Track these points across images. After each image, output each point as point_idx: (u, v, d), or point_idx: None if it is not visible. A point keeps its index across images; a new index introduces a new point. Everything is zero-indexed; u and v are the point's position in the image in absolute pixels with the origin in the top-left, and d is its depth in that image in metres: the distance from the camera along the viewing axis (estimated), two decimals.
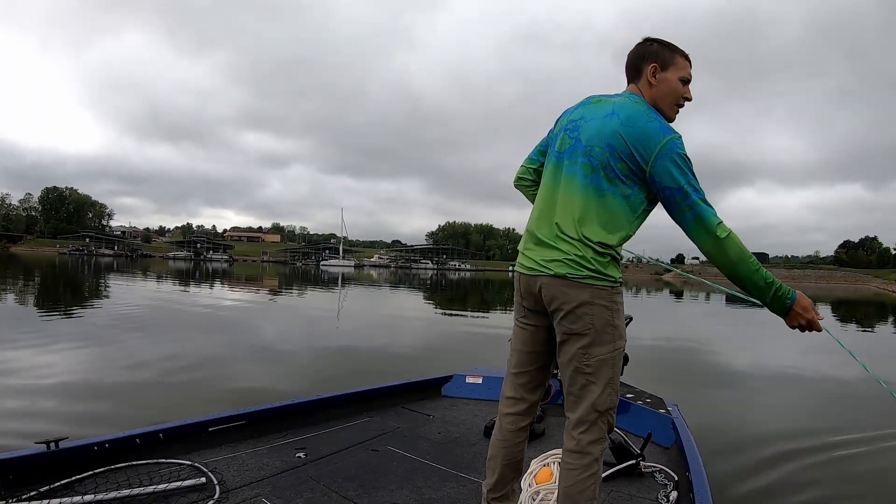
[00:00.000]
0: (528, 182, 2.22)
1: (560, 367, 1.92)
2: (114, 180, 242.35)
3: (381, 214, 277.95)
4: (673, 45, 1.95)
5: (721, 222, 1.73)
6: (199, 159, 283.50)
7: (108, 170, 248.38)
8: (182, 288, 22.51)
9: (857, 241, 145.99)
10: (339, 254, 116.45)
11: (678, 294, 33.44)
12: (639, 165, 1.78)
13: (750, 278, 1.76)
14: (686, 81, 1.94)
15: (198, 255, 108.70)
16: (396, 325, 12.84)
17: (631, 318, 3.90)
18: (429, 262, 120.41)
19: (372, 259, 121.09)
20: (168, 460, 2.51)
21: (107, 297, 16.55)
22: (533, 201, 2.08)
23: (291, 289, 25.87)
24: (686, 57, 1.95)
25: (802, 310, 1.80)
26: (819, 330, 1.84)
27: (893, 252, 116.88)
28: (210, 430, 2.79)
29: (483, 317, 15.81)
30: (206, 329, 10.14)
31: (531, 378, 2.03)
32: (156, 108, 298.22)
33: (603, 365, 1.81)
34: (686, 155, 1.77)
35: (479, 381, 3.98)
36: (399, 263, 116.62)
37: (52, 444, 2.26)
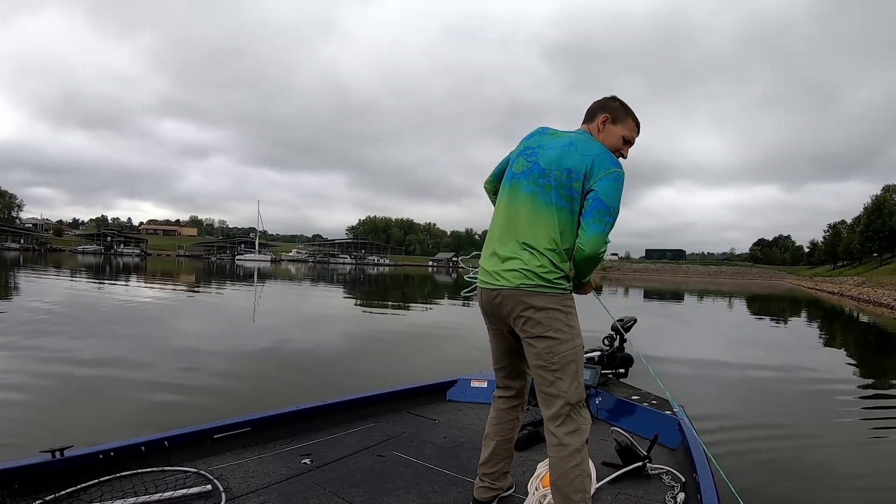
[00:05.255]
0: (492, 190, 2.46)
1: (531, 369, 2.13)
2: (26, 169, 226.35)
3: (304, 209, 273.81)
4: (630, 109, 2.24)
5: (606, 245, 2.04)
6: (118, 149, 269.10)
7: (20, 158, 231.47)
8: (70, 285, 20.90)
9: (771, 239, 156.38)
10: (255, 248, 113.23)
11: (597, 290, 34.46)
12: (586, 184, 2.03)
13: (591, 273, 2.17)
14: (627, 141, 2.22)
15: (108, 249, 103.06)
16: (311, 326, 11.97)
17: (635, 321, 3.98)
18: (347, 256, 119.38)
19: (290, 254, 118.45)
20: (174, 468, 2.47)
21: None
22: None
23: (204, 285, 24.49)
24: (637, 122, 2.25)
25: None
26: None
27: (806, 250, 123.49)
28: (215, 437, 2.75)
29: (404, 313, 15.43)
30: (96, 334, 9.03)
31: (510, 369, 2.31)
32: (73, 93, 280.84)
33: (567, 362, 2.02)
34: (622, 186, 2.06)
35: (485, 385, 3.91)
36: (317, 258, 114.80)
37: (58, 453, 2.22)
